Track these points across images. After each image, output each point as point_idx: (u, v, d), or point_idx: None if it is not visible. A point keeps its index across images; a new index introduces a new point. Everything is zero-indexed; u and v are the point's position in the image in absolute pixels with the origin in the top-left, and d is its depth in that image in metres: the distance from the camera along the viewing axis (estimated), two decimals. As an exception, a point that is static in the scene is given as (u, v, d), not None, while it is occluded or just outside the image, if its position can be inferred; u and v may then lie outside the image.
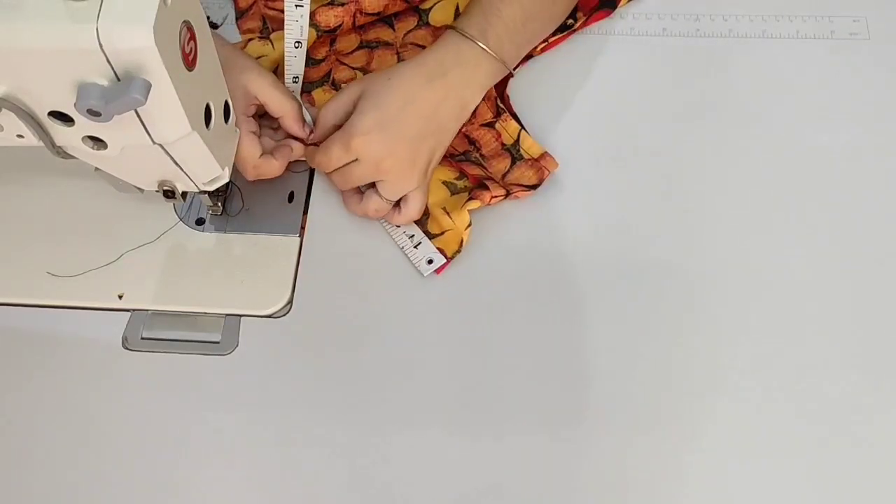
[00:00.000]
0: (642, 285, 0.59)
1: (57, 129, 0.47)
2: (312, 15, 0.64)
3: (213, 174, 0.54)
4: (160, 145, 0.48)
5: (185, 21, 0.45)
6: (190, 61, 0.46)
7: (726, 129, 0.65)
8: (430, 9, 0.70)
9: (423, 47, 0.66)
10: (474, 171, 0.63)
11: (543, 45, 0.68)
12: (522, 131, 0.64)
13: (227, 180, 0.55)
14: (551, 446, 0.54)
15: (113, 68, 0.42)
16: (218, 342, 0.58)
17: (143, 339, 0.58)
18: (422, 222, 0.62)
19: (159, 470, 0.54)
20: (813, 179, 0.63)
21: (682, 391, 0.55)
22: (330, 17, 0.66)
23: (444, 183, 0.64)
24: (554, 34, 0.68)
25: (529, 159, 0.63)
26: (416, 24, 0.70)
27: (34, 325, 0.59)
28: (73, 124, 0.46)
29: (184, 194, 0.56)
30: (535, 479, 0.53)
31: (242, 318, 0.59)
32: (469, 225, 0.60)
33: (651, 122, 0.66)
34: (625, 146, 0.65)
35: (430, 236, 0.61)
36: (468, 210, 0.60)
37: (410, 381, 0.56)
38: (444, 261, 0.60)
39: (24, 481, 0.54)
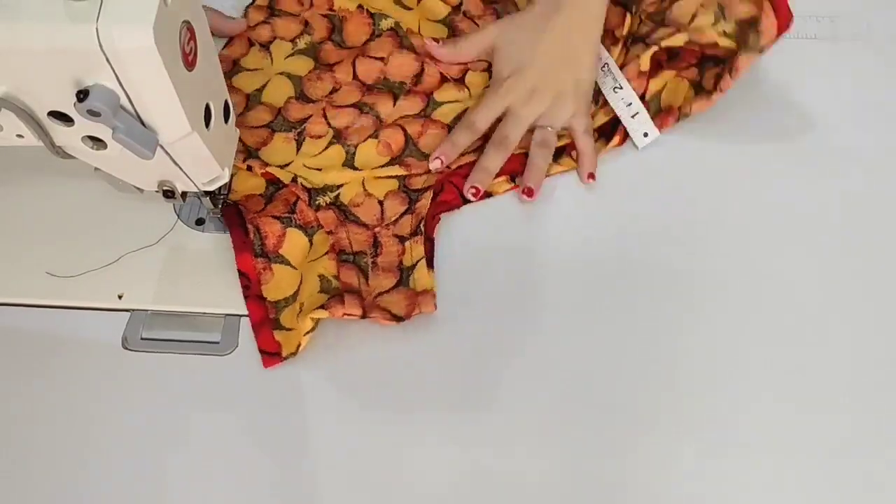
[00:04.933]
0: (641, 288, 0.59)
1: (57, 129, 0.47)
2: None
3: (213, 174, 0.54)
4: (160, 145, 0.48)
5: (185, 21, 0.45)
6: (190, 61, 0.46)
7: (725, 128, 0.65)
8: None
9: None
10: (348, 278, 0.59)
11: (511, 186, 0.64)
12: (422, 261, 0.60)
13: (227, 180, 0.55)
14: (551, 447, 0.54)
15: (113, 68, 0.42)
16: (218, 342, 0.58)
17: (142, 339, 0.58)
18: (279, 307, 0.58)
19: (159, 470, 0.54)
20: (812, 179, 0.63)
21: (681, 393, 0.56)
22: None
23: (320, 277, 0.60)
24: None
25: (411, 290, 0.59)
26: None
27: (34, 325, 0.59)
28: (73, 124, 0.46)
29: (184, 194, 0.56)
30: (536, 480, 0.53)
31: (242, 318, 0.59)
32: (310, 331, 0.56)
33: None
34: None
35: (278, 326, 0.58)
36: (312, 318, 0.56)
37: (410, 381, 0.56)
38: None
39: (24, 481, 0.54)
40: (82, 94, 0.42)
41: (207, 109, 0.50)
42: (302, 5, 0.73)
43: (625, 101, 0.63)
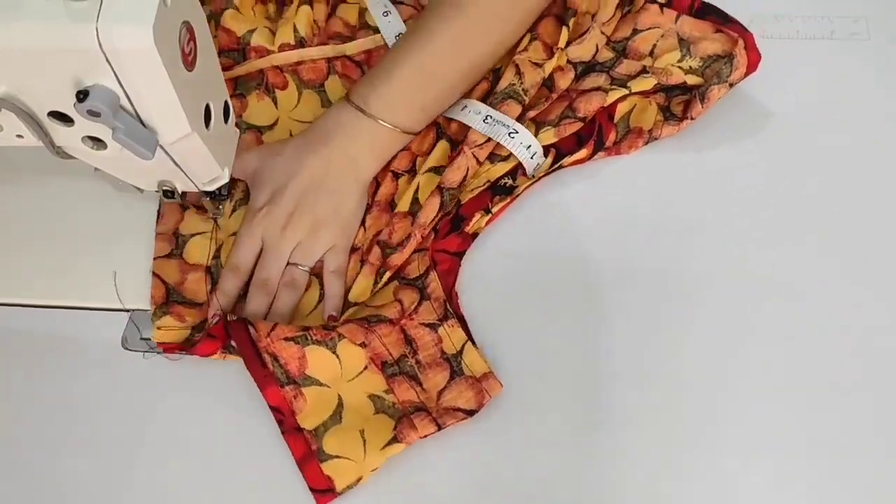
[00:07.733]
0: (643, 290, 0.59)
1: (57, 129, 0.47)
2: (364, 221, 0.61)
3: (213, 174, 0.54)
4: (160, 145, 0.48)
5: (184, 21, 0.45)
6: (190, 62, 0.46)
7: (724, 128, 0.65)
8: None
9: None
10: (405, 394, 0.55)
11: (489, 217, 0.61)
12: (469, 343, 0.56)
13: (226, 180, 0.55)
14: (555, 447, 0.54)
15: (113, 68, 0.42)
16: (218, 342, 0.58)
17: (142, 339, 0.58)
18: (318, 434, 0.54)
19: (159, 470, 0.54)
20: (812, 180, 0.63)
21: (686, 394, 0.56)
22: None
23: (371, 397, 0.55)
24: (495, 199, 0.61)
25: (470, 377, 0.55)
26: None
27: (34, 325, 0.59)
28: (73, 124, 0.46)
29: (184, 194, 0.56)
30: (539, 481, 0.53)
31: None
32: (377, 468, 0.53)
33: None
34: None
35: (323, 456, 0.53)
36: (387, 456, 0.53)
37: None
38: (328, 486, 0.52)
39: (24, 481, 0.54)
40: (82, 95, 0.42)
41: (207, 110, 0.50)
42: None
43: (523, 145, 0.61)
